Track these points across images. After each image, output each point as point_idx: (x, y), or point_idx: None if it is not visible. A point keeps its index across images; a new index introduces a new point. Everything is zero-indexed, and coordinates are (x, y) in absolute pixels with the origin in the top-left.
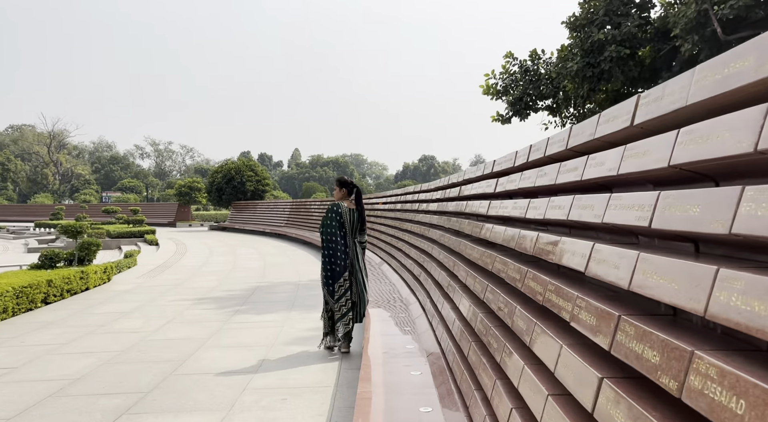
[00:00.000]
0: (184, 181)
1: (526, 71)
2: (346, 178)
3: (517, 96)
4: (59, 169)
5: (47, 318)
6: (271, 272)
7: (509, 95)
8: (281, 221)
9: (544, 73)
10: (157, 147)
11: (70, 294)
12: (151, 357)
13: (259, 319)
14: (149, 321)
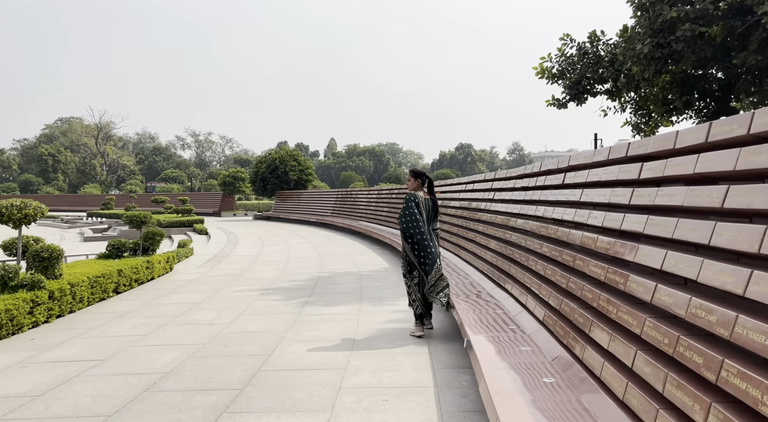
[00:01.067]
0: (228, 171)
1: (584, 54)
2: (418, 170)
3: (575, 79)
4: (106, 160)
5: (121, 308)
6: (328, 262)
7: (566, 79)
8: (327, 211)
9: (603, 56)
10: (197, 138)
11: (137, 284)
12: (234, 350)
13: (331, 312)
14: (222, 312)
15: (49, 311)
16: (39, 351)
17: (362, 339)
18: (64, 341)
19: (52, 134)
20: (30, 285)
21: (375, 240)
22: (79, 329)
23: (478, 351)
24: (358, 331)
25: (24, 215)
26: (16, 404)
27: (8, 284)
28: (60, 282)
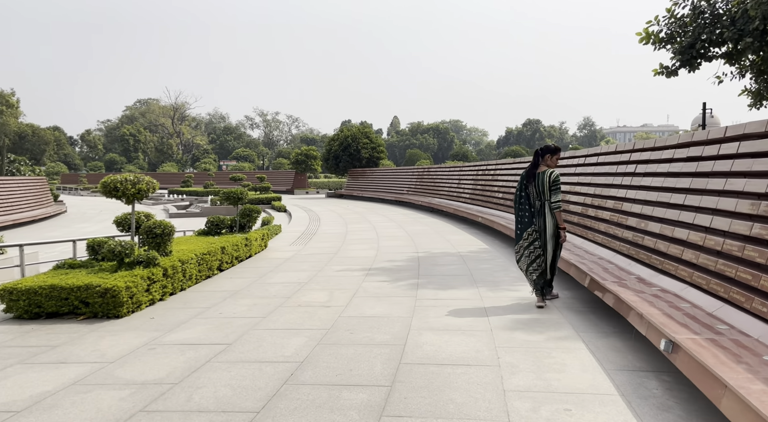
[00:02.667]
0: (301, 149)
1: (699, 13)
2: (551, 145)
3: (688, 43)
4: (182, 139)
5: (229, 287)
6: (420, 242)
7: (676, 43)
8: (403, 188)
9: (722, 14)
10: (265, 117)
11: (237, 262)
12: (362, 338)
13: (449, 296)
14: (332, 293)
15: (163, 289)
16: (162, 332)
17: (498, 328)
18: (183, 321)
19: (132, 115)
20: (145, 262)
21: (461, 219)
22: (194, 308)
23: (706, 361)
24: (491, 320)
25: (137, 190)
26: (156, 392)
27: (124, 261)
28: (171, 260)
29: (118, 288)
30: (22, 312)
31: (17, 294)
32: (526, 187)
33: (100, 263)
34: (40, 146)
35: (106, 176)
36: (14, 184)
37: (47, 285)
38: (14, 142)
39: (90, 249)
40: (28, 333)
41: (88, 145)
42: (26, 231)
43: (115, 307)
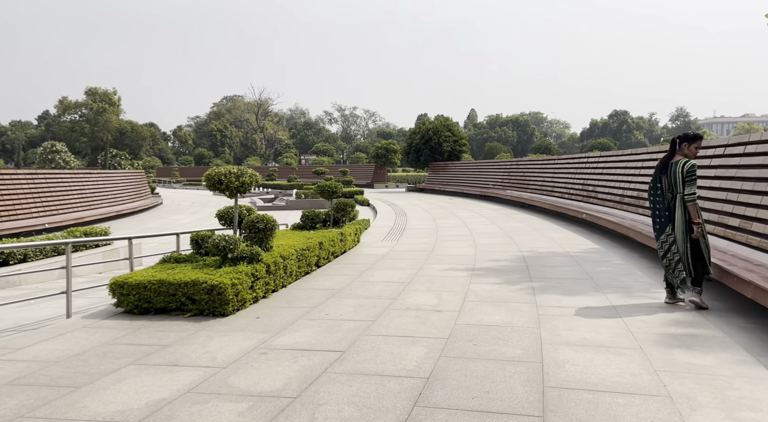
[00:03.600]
0: (381, 143)
1: None
2: (689, 133)
3: None
4: (265, 134)
5: (329, 285)
6: (520, 240)
7: None
8: (489, 182)
9: None
10: (343, 112)
11: (333, 257)
12: (489, 351)
13: (574, 304)
14: (440, 296)
15: (266, 286)
16: (270, 334)
17: (649, 346)
18: (290, 322)
19: (219, 111)
20: (249, 258)
21: (557, 215)
22: (298, 308)
23: None
24: (634, 334)
25: (241, 183)
26: (275, 408)
27: (228, 256)
28: (273, 255)
29: (224, 285)
30: (132, 307)
31: (128, 288)
32: (660, 178)
33: (203, 258)
34: (137, 141)
35: (210, 169)
36: (118, 178)
37: (156, 281)
38: (115, 137)
39: (194, 243)
40: (138, 329)
41: (180, 141)
42: (128, 222)
43: (221, 305)
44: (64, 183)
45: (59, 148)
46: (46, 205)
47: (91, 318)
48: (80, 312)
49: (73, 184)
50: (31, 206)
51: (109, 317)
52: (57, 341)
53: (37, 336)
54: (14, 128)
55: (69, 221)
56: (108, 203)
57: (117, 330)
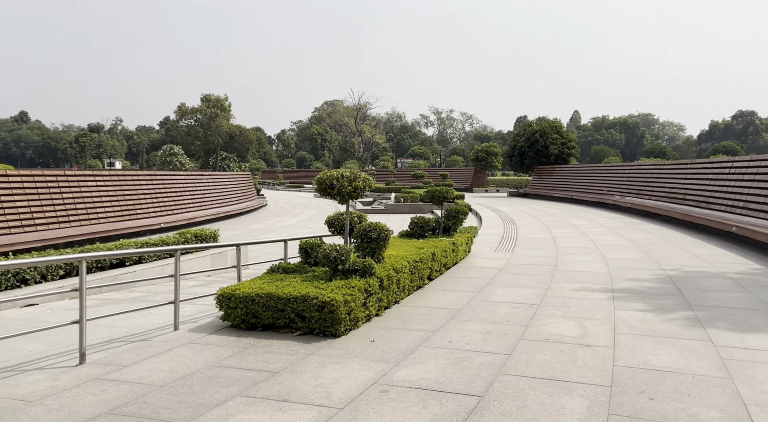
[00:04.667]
0: (481, 145)
1: None
2: None
3: None
4: (363, 138)
5: (446, 303)
6: (658, 255)
7: None
8: (604, 188)
9: None
10: (439, 115)
11: (445, 269)
12: (676, 412)
13: (765, 344)
14: (583, 324)
15: (379, 302)
16: (389, 364)
17: None
18: (409, 350)
19: (320, 116)
20: (361, 271)
21: (692, 226)
22: (416, 331)
23: None
24: None
25: (354, 188)
26: None
27: (339, 268)
28: (386, 268)
29: (336, 302)
30: (239, 321)
31: (235, 301)
32: None
33: (312, 268)
34: (245, 145)
35: (321, 172)
36: (227, 179)
37: (264, 294)
38: (225, 141)
39: (303, 251)
40: (245, 349)
41: (283, 144)
42: (235, 223)
43: (332, 324)
44: (179, 184)
45: (176, 150)
46: (163, 205)
47: (198, 332)
48: (188, 322)
49: (186, 185)
50: (149, 206)
51: (216, 331)
52: (163, 359)
53: (143, 351)
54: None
55: (182, 221)
56: (218, 204)
57: (223, 348)
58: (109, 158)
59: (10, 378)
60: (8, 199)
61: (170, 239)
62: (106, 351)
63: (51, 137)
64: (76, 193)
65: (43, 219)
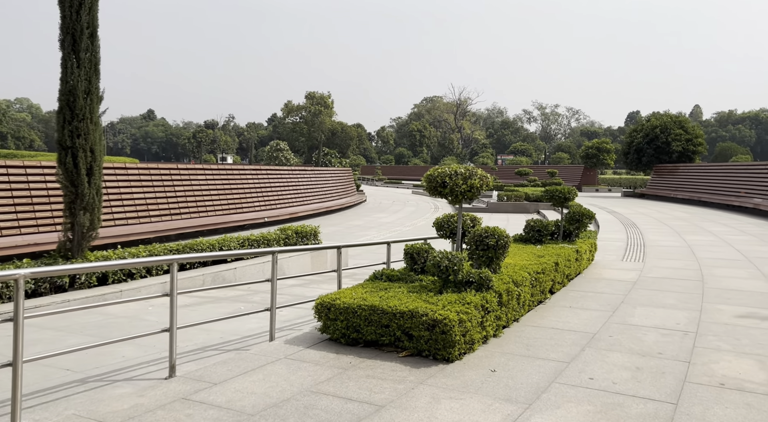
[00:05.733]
0: (592, 141)
1: None
2: None
3: None
4: (462, 134)
5: (575, 324)
6: None
7: None
8: (743, 190)
9: None
10: (543, 110)
11: (567, 281)
12: None
13: None
14: (766, 364)
15: (497, 321)
16: (518, 406)
17: None
18: (541, 387)
19: (419, 112)
20: (477, 284)
21: None
22: (544, 360)
23: None
24: None
25: (469, 187)
26: None
27: (449, 279)
28: (504, 280)
29: (449, 322)
30: (339, 335)
31: (335, 312)
32: None
33: (419, 276)
34: (346, 141)
35: (432, 168)
36: (328, 175)
37: (367, 306)
38: (327, 137)
39: (408, 257)
40: (345, 370)
41: (382, 140)
42: (335, 219)
43: (444, 347)
44: (282, 179)
45: (282, 146)
46: (267, 199)
47: (295, 344)
48: (284, 328)
49: (290, 180)
50: (254, 200)
51: (314, 345)
52: (256, 377)
53: (236, 365)
54: (249, 129)
55: (284, 215)
56: (319, 199)
57: (321, 367)
58: (221, 153)
59: (98, 391)
60: (127, 191)
61: (271, 235)
62: (198, 362)
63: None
64: (186, 186)
65: (156, 211)
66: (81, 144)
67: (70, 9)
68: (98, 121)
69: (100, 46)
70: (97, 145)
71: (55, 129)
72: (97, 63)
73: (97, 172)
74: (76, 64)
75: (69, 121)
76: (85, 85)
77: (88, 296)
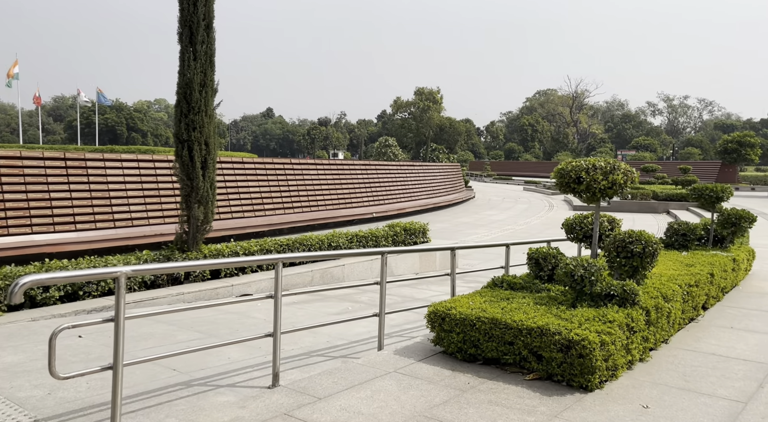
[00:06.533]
0: (731, 135)
1: None
2: None
3: None
4: (578, 128)
5: (741, 350)
6: None
7: None
8: None
9: None
10: (670, 102)
11: (723, 294)
12: None
13: None
14: None
15: (644, 343)
16: None
17: None
18: None
19: (531, 106)
20: (620, 298)
21: None
22: (710, 397)
23: None
24: None
25: (611, 183)
26: None
27: (584, 291)
28: (652, 295)
29: (589, 343)
30: (454, 349)
31: (449, 323)
32: None
33: (545, 285)
34: (454, 136)
35: (563, 162)
36: (436, 170)
37: (487, 319)
38: (435, 133)
39: (532, 262)
40: (463, 392)
41: (491, 135)
42: (443, 215)
43: (582, 373)
44: (391, 174)
45: (391, 142)
46: (375, 194)
47: (405, 356)
48: (393, 335)
49: (397, 176)
50: (362, 195)
51: (426, 358)
52: (363, 394)
53: (342, 377)
54: (360, 126)
55: (392, 211)
56: (427, 195)
57: (436, 386)
58: (333, 149)
59: (200, 397)
60: (244, 184)
61: (379, 232)
62: (302, 370)
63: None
64: (299, 181)
65: (270, 205)
66: (196, 137)
67: (188, 1)
68: (213, 114)
69: (215, 38)
70: (211, 138)
71: (173, 123)
72: (212, 55)
73: (211, 165)
74: (193, 56)
75: (185, 113)
76: (201, 78)
77: (201, 290)
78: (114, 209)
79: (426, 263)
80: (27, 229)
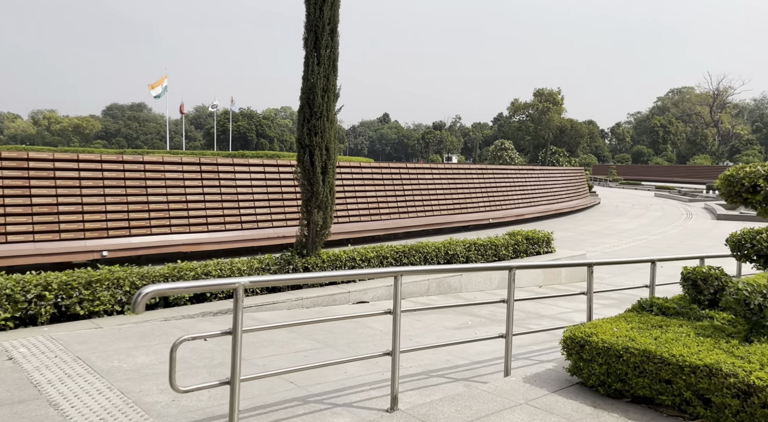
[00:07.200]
0: None
1: None
2: None
3: None
4: (719, 129)
5: None
6: None
7: None
8: None
9: None
10: None
11: None
12: None
13: None
14: None
15: None
16: None
17: None
18: None
19: (664, 106)
20: None
21: None
22: None
23: None
24: None
25: None
26: None
27: (762, 323)
28: None
29: None
30: (595, 382)
31: (590, 352)
32: None
33: (706, 311)
34: (575, 139)
35: (731, 167)
36: (557, 175)
37: (638, 350)
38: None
39: (689, 283)
40: None
41: (617, 138)
42: (565, 223)
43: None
44: (508, 178)
45: (507, 145)
46: (491, 199)
47: (537, 386)
48: (520, 357)
49: (515, 180)
50: (478, 200)
51: (561, 389)
52: None
53: (465, 406)
54: (474, 129)
55: (510, 217)
56: (547, 201)
57: None
58: (447, 153)
59: (315, 416)
60: (361, 189)
61: (499, 240)
62: (422, 392)
63: (404, 135)
64: (414, 185)
65: (386, 209)
66: (317, 142)
67: (314, 6)
68: (334, 119)
69: (339, 42)
70: (332, 143)
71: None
72: (336, 59)
73: (330, 171)
74: (317, 61)
75: (308, 118)
76: (323, 83)
77: (319, 295)
78: (242, 212)
79: (551, 275)
80: (166, 230)
